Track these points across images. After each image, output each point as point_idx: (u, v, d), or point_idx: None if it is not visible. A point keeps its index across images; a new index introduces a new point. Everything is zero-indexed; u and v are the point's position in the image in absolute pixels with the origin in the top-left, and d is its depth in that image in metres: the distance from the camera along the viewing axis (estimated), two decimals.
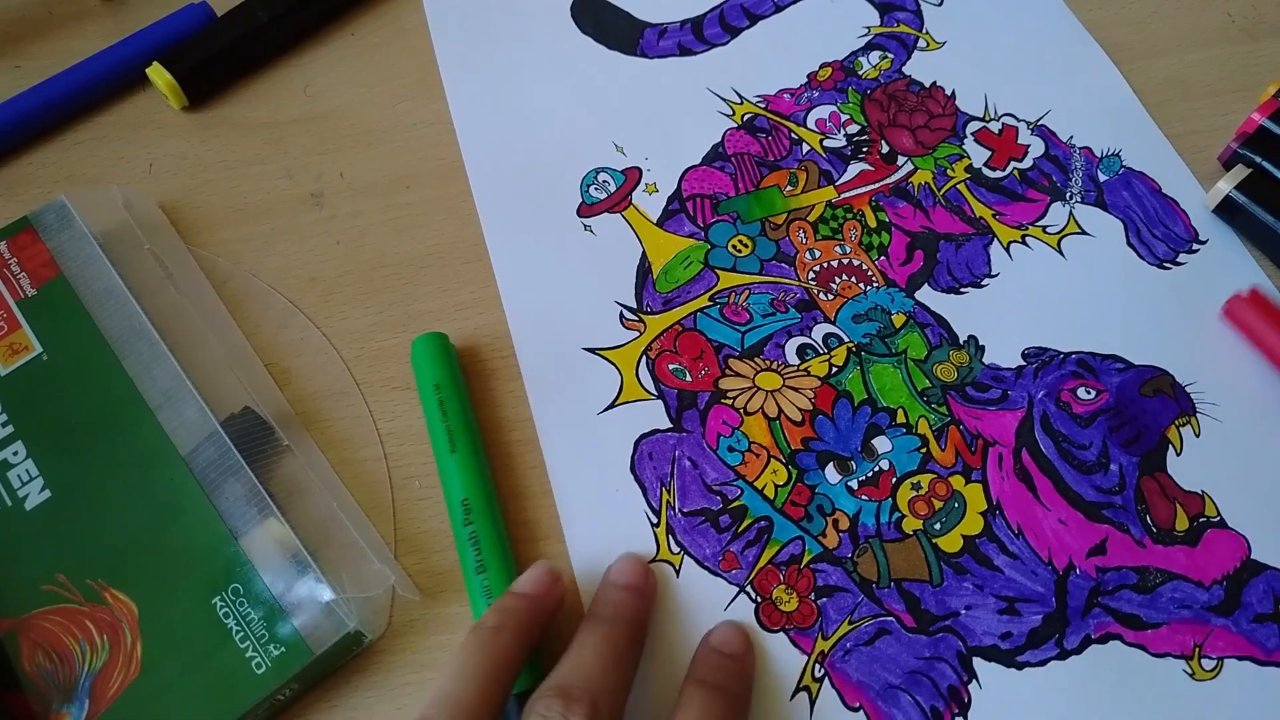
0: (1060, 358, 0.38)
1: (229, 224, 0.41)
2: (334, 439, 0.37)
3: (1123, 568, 0.34)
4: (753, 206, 0.41)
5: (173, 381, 0.35)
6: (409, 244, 0.41)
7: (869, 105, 0.44)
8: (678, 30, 0.47)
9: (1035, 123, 0.44)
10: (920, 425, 0.36)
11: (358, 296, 0.40)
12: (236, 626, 0.31)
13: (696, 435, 0.36)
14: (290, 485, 0.34)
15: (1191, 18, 0.49)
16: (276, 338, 0.39)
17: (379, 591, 0.32)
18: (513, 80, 0.45)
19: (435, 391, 0.36)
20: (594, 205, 0.41)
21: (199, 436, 0.34)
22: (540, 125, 0.44)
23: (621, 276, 0.40)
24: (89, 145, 0.44)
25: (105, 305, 0.37)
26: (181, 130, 0.44)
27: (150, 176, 0.43)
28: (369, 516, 0.35)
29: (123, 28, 0.46)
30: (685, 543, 0.34)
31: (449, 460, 0.34)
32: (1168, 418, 0.37)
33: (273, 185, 0.43)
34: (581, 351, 0.38)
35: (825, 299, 0.39)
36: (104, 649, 0.31)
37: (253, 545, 0.32)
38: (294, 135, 0.44)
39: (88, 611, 0.32)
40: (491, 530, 0.33)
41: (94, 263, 0.37)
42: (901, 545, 0.34)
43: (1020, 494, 0.35)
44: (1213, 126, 0.45)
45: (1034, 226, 0.41)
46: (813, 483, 0.35)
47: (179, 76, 0.43)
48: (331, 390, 0.38)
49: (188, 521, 0.33)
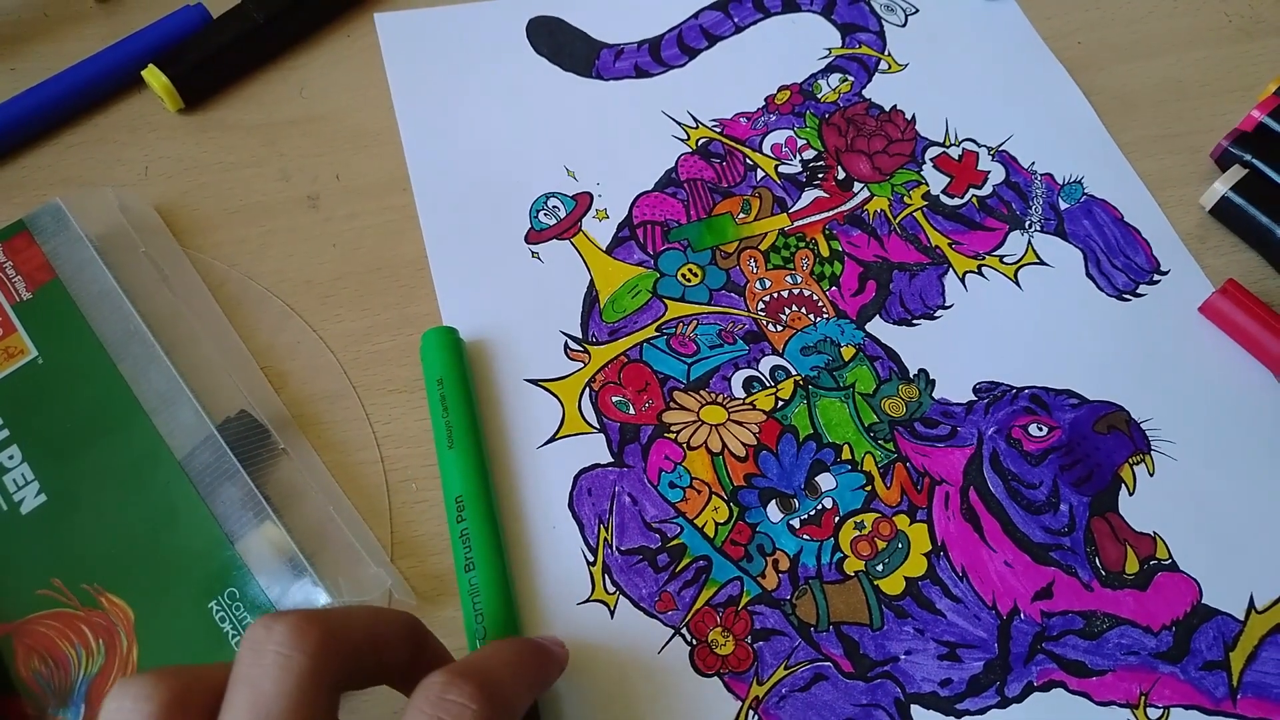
0: (1012, 393, 0.37)
1: (225, 226, 0.41)
2: (330, 442, 0.36)
3: (1069, 612, 0.33)
4: (704, 234, 0.41)
5: (168, 385, 0.35)
6: (405, 246, 0.41)
7: (826, 130, 0.44)
8: (635, 51, 0.46)
9: (997, 148, 0.43)
10: (866, 462, 0.36)
11: (354, 299, 0.39)
12: (232, 631, 0.31)
13: (638, 470, 0.35)
14: (286, 489, 0.34)
15: (1188, 18, 0.48)
16: (273, 340, 0.38)
17: (375, 596, 0.32)
18: (464, 102, 0.44)
19: (438, 386, 0.35)
20: (543, 231, 0.41)
21: (195, 440, 0.34)
22: (491, 149, 0.43)
23: (567, 305, 0.39)
24: (84, 147, 0.43)
25: (101, 308, 0.36)
26: (177, 132, 0.44)
27: (146, 179, 0.42)
28: (365, 520, 0.35)
29: (118, 30, 0.45)
30: (621, 582, 0.33)
31: (447, 455, 0.34)
32: (1121, 456, 0.36)
33: (269, 187, 0.42)
34: (523, 383, 0.37)
35: (774, 330, 0.38)
36: (100, 654, 0.31)
37: (249, 549, 0.32)
38: (290, 137, 0.44)
39: (83, 616, 0.31)
40: (483, 529, 0.33)
41: (89, 266, 0.37)
42: (842, 587, 0.33)
43: (966, 535, 0.34)
44: (1209, 127, 0.44)
45: (991, 256, 0.40)
46: (754, 521, 0.34)
47: (174, 78, 0.43)
48: (328, 393, 0.37)
49: (183, 525, 0.33)
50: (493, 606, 0.32)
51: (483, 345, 0.38)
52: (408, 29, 0.46)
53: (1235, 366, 0.38)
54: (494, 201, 0.41)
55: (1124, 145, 0.44)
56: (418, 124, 0.43)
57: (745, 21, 0.47)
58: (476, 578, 0.32)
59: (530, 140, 0.43)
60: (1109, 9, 0.48)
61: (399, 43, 0.46)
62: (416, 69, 0.45)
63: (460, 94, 0.44)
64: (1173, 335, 0.39)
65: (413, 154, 0.42)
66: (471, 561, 0.32)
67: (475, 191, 0.42)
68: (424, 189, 0.42)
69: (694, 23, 0.47)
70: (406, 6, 0.48)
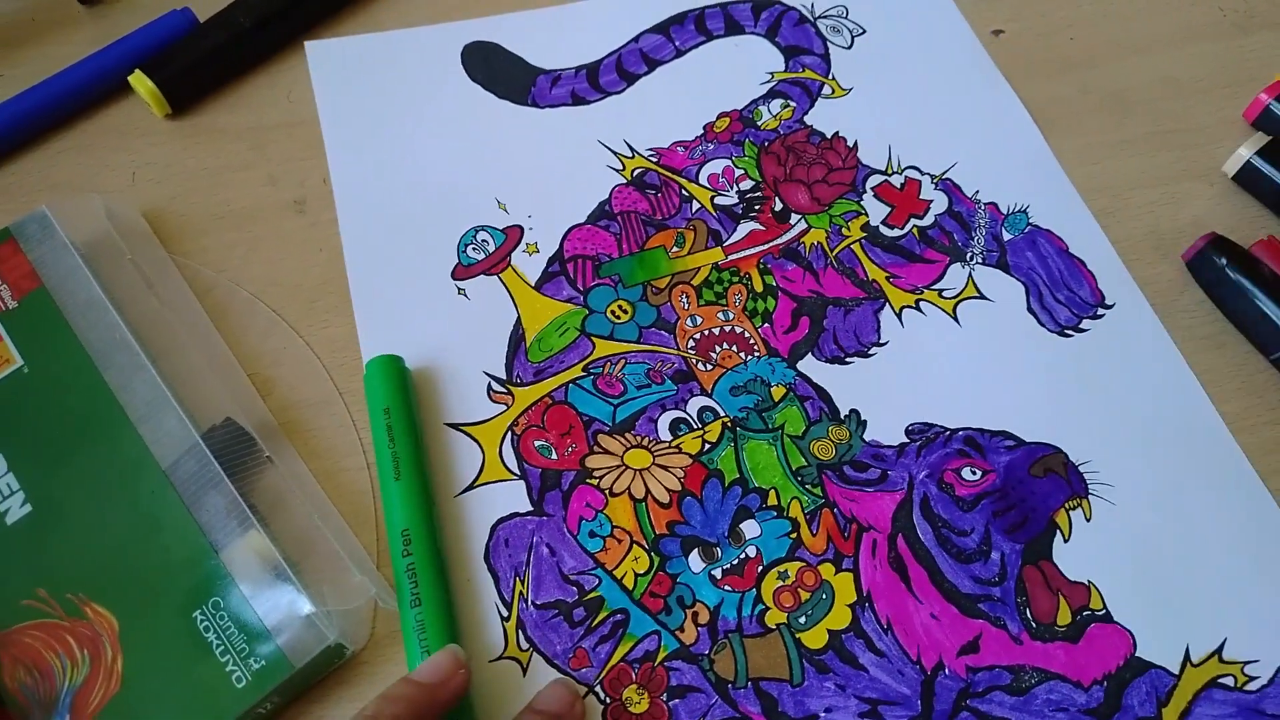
0: (946, 435, 0.36)
1: (212, 231, 0.41)
2: (317, 448, 0.36)
3: (996, 667, 0.32)
4: (636, 269, 0.40)
5: (154, 393, 0.35)
6: None
7: (765, 159, 0.42)
8: (572, 78, 0.45)
9: (940, 176, 0.42)
10: (792, 508, 0.35)
11: (341, 304, 0.39)
12: (217, 640, 0.31)
13: (558, 519, 0.34)
14: (272, 496, 0.34)
15: (1183, 13, 0.48)
16: (259, 346, 0.38)
17: (360, 603, 0.32)
18: (395, 132, 0.43)
19: (384, 416, 0.35)
20: (470, 267, 0.40)
21: (180, 449, 0.34)
22: (421, 180, 0.42)
23: (493, 345, 0.38)
24: (72, 153, 0.43)
25: (87, 317, 0.36)
26: (164, 138, 0.44)
27: (133, 185, 0.42)
28: (351, 526, 0.35)
29: (106, 34, 0.45)
30: (535, 638, 0.32)
31: (392, 488, 0.34)
32: (1057, 500, 0.35)
33: (256, 192, 0.42)
34: (444, 427, 0.36)
35: (704, 369, 0.37)
36: (85, 664, 0.31)
37: (233, 558, 0.32)
38: (277, 141, 0.43)
39: (68, 626, 0.31)
40: (430, 564, 0.32)
41: (75, 274, 0.37)
42: (763, 641, 0.32)
43: (893, 585, 0.33)
44: (1203, 123, 0.44)
45: (930, 290, 0.39)
46: (675, 571, 0.33)
47: (161, 84, 0.43)
48: (314, 399, 0.37)
49: (168, 535, 0.33)
50: (440, 644, 0.31)
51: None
52: (339, 56, 0.45)
53: (1178, 405, 0.37)
54: (422, 235, 0.40)
55: (1119, 142, 0.43)
56: (346, 154, 0.42)
57: (687, 45, 0.46)
58: (423, 614, 0.32)
59: (461, 171, 0.42)
60: (1101, 5, 0.47)
61: (329, 71, 0.45)
62: (347, 98, 0.44)
63: (391, 123, 0.43)
64: (1115, 373, 0.37)
65: (340, 185, 0.42)
66: (418, 597, 0.32)
67: (403, 224, 0.41)
68: (350, 221, 0.41)
69: (634, 47, 0.46)
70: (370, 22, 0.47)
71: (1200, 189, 0.42)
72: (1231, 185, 0.42)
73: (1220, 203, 0.42)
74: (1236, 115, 0.43)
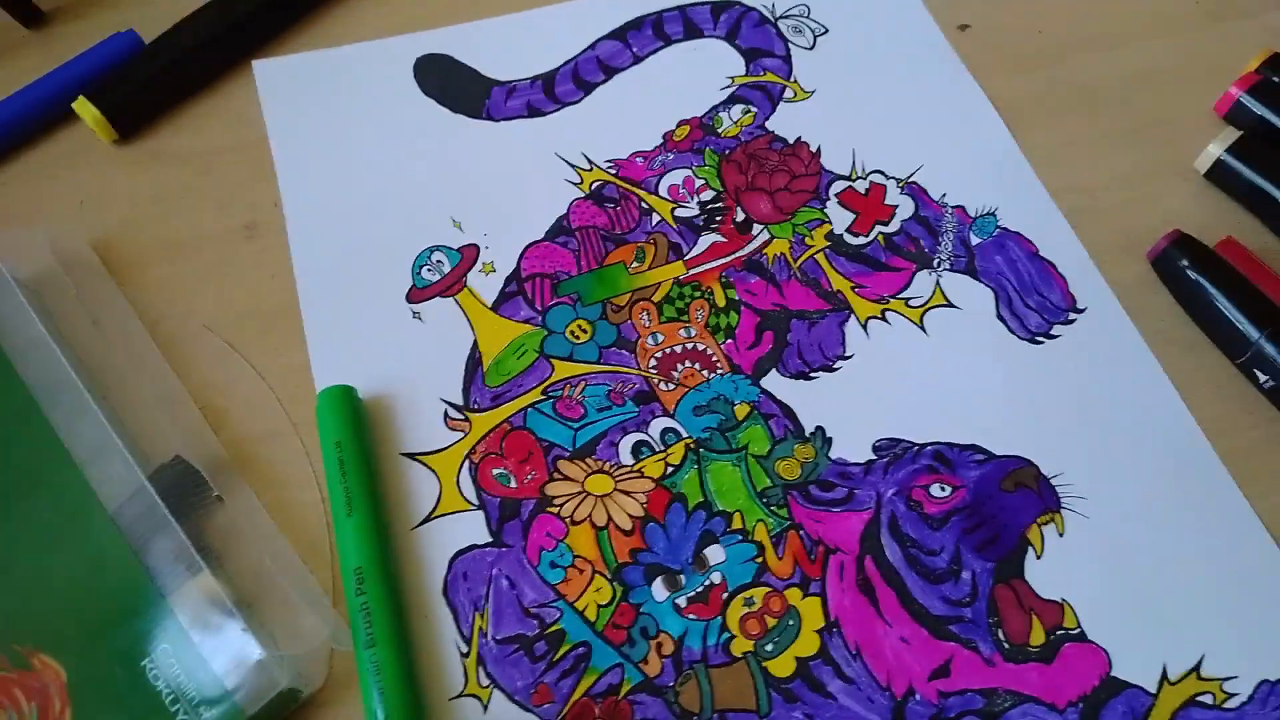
0: (914, 450, 0.35)
1: (162, 260, 0.40)
2: (271, 481, 0.35)
3: (967, 691, 0.31)
4: (595, 287, 0.39)
5: (100, 434, 0.34)
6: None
7: (726, 167, 0.41)
8: (528, 88, 0.44)
9: (906, 180, 0.41)
10: (758, 531, 0.34)
11: (293, 331, 0.38)
12: (167, 689, 0.30)
13: (517, 550, 0.34)
14: (223, 535, 0.33)
15: (1155, 3, 0.47)
16: (210, 378, 0.37)
17: (313, 646, 0.31)
18: (347, 150, 0.42)
19: (336, 449, 0.34)
20: (425, 289, 0.39)
21: (126, 491, 0.33)
22: (374, 199, 0.41)
23: (449, 370, 0.37)
24: (16, 184, 0.42)
25: (30, 356, 0.35)
26: (112, 164, 0.43)
27: (80, 213, 0.41)
28: (307, 561, 0.34)
29: (51, 58, 0.44)
30: (496, 674, 0.32)
31: (345, 524, 0.33)
32: (1029, 516, 0.34)
33: (206, 217, 0.41)
34: (400, 457, 0.35)
35: (666, 389, 0.36)
36: (32, 716, 0.30)
37: (182, 603, 0.31)
38: (226, 165, 0.42)
39: (15, 678, 0.31)
40: (384, 603, 0.32)
41: (18, 312, 0.36)
42: (729, 670, 0.32)
43: (861, 609, 0.32)
44: (1176, 118, 0.43)
45: (896, 300, 0.38)
46: (638, 601, 0.33)
47: (106, 110, 0.42)
48: (267, 431, 0.36)
49: (115, 581, 0.32)
50: (395, 685, 0.30)
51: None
52: (288, 75, 0.44)
53: (1153, 413, 0.36)
54: (376, 257, 0.39)
55: (1090, 138, 0.42)
56: (297, 176, 0.41)
57: (644, 51, 0.45)
58: (378, 655, 0.31)
59: (415, 189, 0.41)
60: None
61: (278, 90, 0.44)
62: (297, 117, 0.43)
63: (343, 142, 0.42)
64: (1087, 380, 0.36)
65: (291, 207, 0.40)
66: (373, 638, 0.31)
67: (356, 246, 0.40)
68: (301, 245, 0.40)
69: (590, 54, 0.45)
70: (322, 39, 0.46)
71: (1174, 185, 0.41)
72: (1206, 181, 0.41)
73: (1194, 200, 0.41)
74: (1211, 107, 0.42)
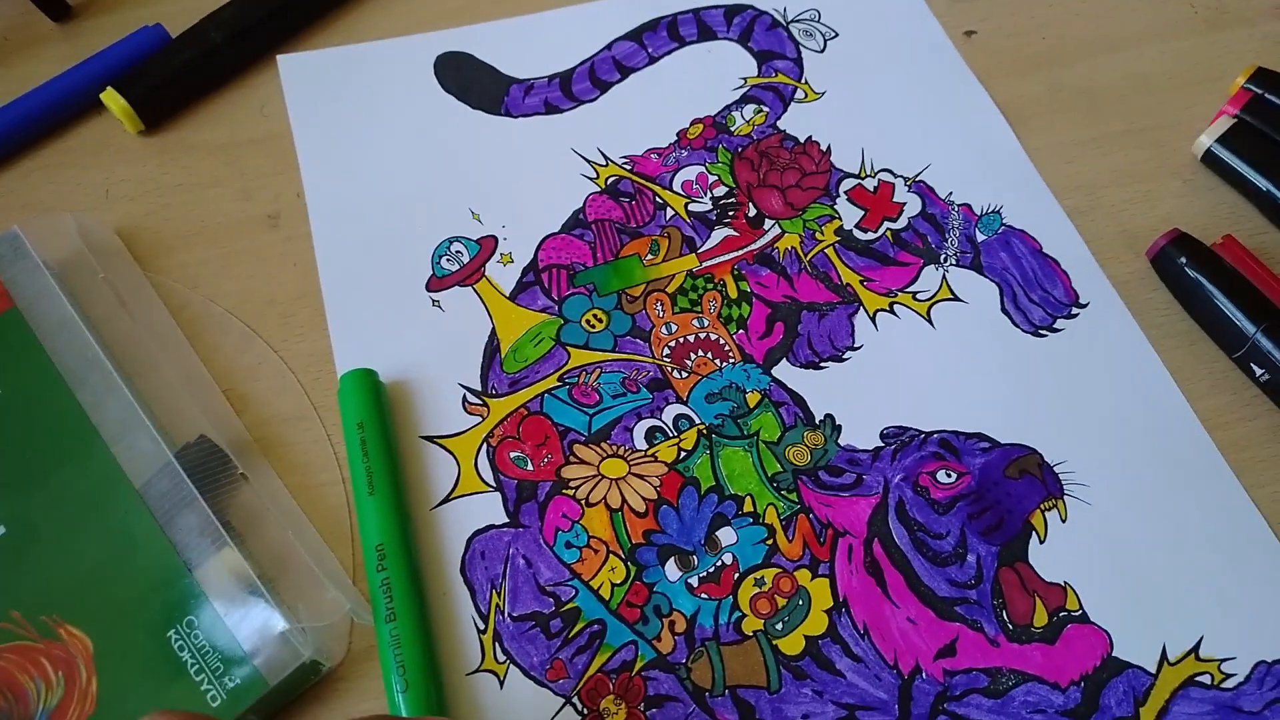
0: (921, 438, 0.36)
1: (187, 248, 0.41)
2: (292, 464, 0.36)
3: (973, 670, 0.32)
4: (610, 278, 0.40)
5: (127, 412, 0.35)
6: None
7: (739, 164, 0.42)
8: (545, 86, 0.45)
9: (913, 178, 0.42)
10: (768, 514, 0.35)
11: (315, 318, 0.39)
12: (191, 660, 0.31)
13: (534, 530, 0.34)
14: (247, 513, 0.34)
15: (1154, 10, 0.48)
16: (234, 362, 0.38)
17: (334, 620, 0.32)
18: (369, 144, 0.43)
19: (358, 430, 0.35)
20: (445, 278, 0.40)
21: (153, 468, 0.34)
22: (395, 192, 0.42)
23: (468, 356, 0.38)
24: (45, 172, 0.43)
25: (59, 337, 0.36)
26: (138, 154, 0.44)
27: (107, 202, 0.42)
28: (328, 541, 0.35)
29: (78, 51, 0.45)
30: (512, 650, 0.32)
31: (367, 503, 0.34)
32: (1033, 502, 0.35)
33: (230, 207, 0.42)
34: (419, 440, 0.36)
35: (679, 377, 0.37)
36: (59, 686, 0.31)
37: (207, 577, 0.32)
38: (250, 156, 0.43)
39: (43, 648, 0.31)
40: (405, 579, 0.32)
41: (48, 294, 0.37)
42: (740, 648, 0.32)
43: (869, 589, 0.33)
44: (1175, 120, 0.44)
45: (903, 293, 0.39)
46: (651, 580, 0.33)
47: (133, 101, 0.43)
48: (290, 414, 0.37)
49: (142, 555, 0.33)
50: (415, 659, 0.31)
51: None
52: (312, 70, 0.45)
53: (1153, 404, 0.37)
54: (396, 247, 0.40)
55: (1091, 139, 0.43)
56: (319, 168, 0.42)
57: (659, 51, 0.46)
58: (398, 629, 0.32)
59: (435, 182, 0.42)
60: (1075, 2, 0.48)
61: (302, 85, 0.45)
62: (320, 111, 0.44)
63: (365, 136, 0.43)
64: (1089, 372, 0.37)
65: (313, 198, 0.41)
66: (393, 612, 0.32)
67: (377, 237, 0.41)
68: (323, 235, 0.41)
69: (607, 54, 0.46)
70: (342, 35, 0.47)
71: (1173, 185, 0.42)
72: (1204, 181, 0.42)
73: (1193, 199, 0.42)
74: (1209, 111, 0.43)
